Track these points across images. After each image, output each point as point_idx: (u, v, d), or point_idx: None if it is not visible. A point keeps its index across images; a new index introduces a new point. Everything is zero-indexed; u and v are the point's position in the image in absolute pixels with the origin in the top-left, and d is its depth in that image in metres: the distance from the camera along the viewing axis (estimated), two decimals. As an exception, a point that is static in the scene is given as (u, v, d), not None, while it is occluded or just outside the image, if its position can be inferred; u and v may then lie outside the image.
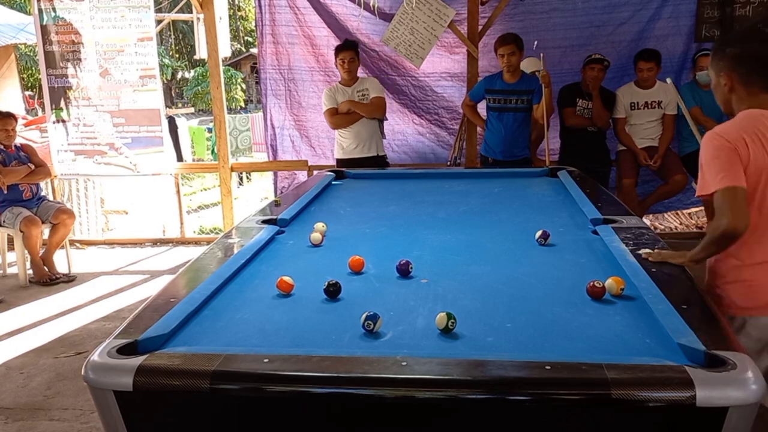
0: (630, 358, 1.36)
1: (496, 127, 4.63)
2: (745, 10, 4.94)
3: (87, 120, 5.56)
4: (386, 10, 5.19)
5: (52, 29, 5.41)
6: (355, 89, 4.66)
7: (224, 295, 1.88)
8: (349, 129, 4.69)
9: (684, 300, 1.65)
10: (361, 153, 4.71)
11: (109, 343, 1.46)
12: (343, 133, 4.73)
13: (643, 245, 2.12)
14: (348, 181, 3.77)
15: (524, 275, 1.99)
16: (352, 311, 1.69)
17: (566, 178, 3.37)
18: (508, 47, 4.35)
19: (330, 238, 2.45)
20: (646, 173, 5.04)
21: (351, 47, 4.61)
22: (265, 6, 5.30)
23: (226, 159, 5.58)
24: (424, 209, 2.97)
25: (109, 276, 5.03)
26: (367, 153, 4.73)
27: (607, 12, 5.06)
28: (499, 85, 4.53)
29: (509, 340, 1.54)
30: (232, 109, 19.72)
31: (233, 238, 2.42)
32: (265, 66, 5.42)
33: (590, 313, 1.68)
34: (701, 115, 4.72)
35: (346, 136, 4.72)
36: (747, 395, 1.21)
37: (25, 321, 4.09)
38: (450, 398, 1.29)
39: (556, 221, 2.60)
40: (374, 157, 4.75)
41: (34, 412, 2.97)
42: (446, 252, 2.27)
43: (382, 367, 1.33)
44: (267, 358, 1.37)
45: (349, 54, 4.57)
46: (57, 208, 4.94)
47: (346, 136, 4.72)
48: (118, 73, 5.44)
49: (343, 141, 4.75)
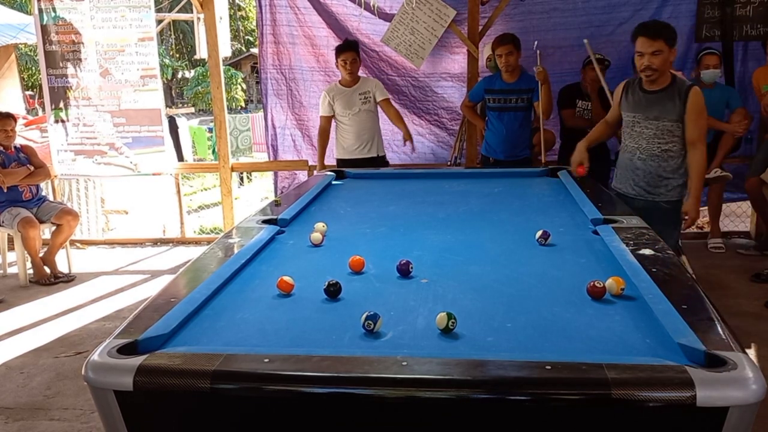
0: (630, 358, 1.35)
1: (497, 127, 4.63)
2: (745, 10, 4.94)
3: (87, 120, 5.56)
4: (386, 10, 5.19)
5: (53, 29, 5.42)
6: (357, 91, 4.65)
7: (224, 295, 1.88)
8: (350, 129, 4.68)
9: (684, 300, 1.65)
10: (362, 153, 4.72)
11: (110, 342, 1.46)
12: (344, 133, 4.73)
13: (643, 245, 2.12)
14: (348, 181, 3.77)
15: (524, 275, 1.99)
16: (352, 311, 1.68)
17: (566, 178, 3.37)
18: (505, 47, 4.36)
19: (330, 238, 2.45)
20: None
21: (352, 48, 4.60)
22: (266, 6, 5.30)
23: (226, 159, 5.58)
24: (424, 209, 2.96)
25: (109, 276, 5.03)
26: (368, 154, 4.73)
27: (607, 12, 5.06)
28: (498, 85, 4.54)
29: (509, 340, 1.54)
30: (233, 108, 19.73)
31: (233, 238, 2.42)
32: (266, 66, 5.42)
33: (590, 313, 1.68)
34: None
35: (347, 137, 4.72)
36: (747, 395, 1.21)
37: (25, 321, 4.09)
38: (450, 398, 1.29)
39: (556, 221, 2.60)
40: (374, 158, 4.75)
41: (34, 411, 2.97)
42: (446, 252, 2.27)
43: (383, 367, 1.33)
44: (267, 358, 1.37)
45: (350, 55, 4.55)
46: (60, 209, 4.95)
47: (347, 137, 4.72)
48: (118, 73, 5.44)
49: (344, 141, 4.75)
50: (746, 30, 4.97)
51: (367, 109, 4.68)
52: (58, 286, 4.79)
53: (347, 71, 4.58)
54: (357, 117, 4.66)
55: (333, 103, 4.66)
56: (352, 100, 4.64)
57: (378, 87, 4.74)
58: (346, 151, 4.74)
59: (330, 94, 4.68)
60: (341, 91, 4.67)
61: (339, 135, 4.77)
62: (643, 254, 2.03)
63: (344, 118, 4.69)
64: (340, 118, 4.71)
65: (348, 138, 4.71)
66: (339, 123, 4.75)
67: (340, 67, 4.62)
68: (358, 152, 4.72)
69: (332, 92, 4.68)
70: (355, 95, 4.64)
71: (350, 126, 4.68)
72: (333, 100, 4.66)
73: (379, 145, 4.79)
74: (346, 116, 4.68)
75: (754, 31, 4.96)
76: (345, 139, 4.74)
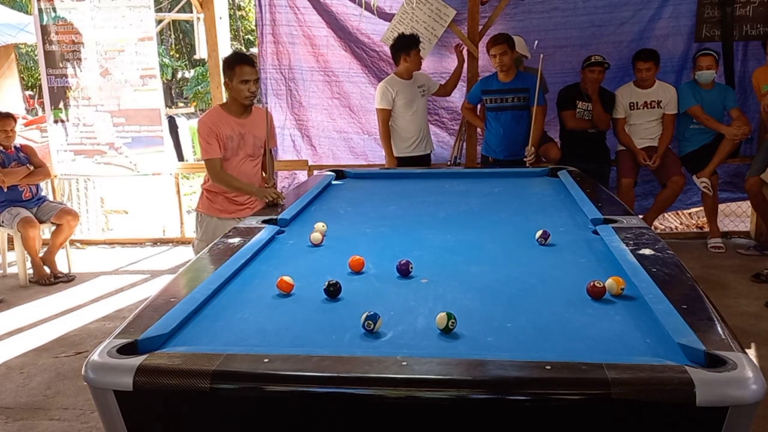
0: (630, 358, 1.36)
1: (495, 127, 4.64)
2: (745, 9, 4.94)
3: (87, 120, 5.56)
4: (386, 9, 5.19)
5: (52, 29, 5.41)
6: (415, 83, 4.66)
7: (224, 295, 1.88)
8: (412, 123, 4.66)
9: (684, 300, 1.65)
10: (419, 150, 4.75)
11: (109, 342, 1.46)
12: (405, 127, 4.68)
13: (643, 245, 2.12)
14: (348, 181, 3.76)
15: (524, 275, 1.99)
16: (352, 311, 1.68)
17: (566, 178, 3.37)
18: (499, 47, 4.39)
19: (330, 237, 2.45)
20: (646, 173, 5.05)
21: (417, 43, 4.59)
22: (265, 6, 5.30)
23: (226, 159, 5.57)
24: (424, 209, 2.96)
25: (109, 276, 5.03)
26: (425, 150, 4.79)
27: (608, 12, 5.06)
28: (494, 85, 4.55)
29: (509, 340, 1.54)
30: (233, 108, 19.67)
31: (233, 237, 2.42)
32: (266, 66, 5.42)
33: (590, 312, 1.68)
34: (702, 114, 4.73)
35: (409, 131, 4.68)
36: (747, 395, 1.21)
37: (25, 321, 4.09)
38: (450, 398, 1.29)
39: (556, 221, 2.60)
40: (428, 154, 4.85)
41: (34, 411, 2.97)
42: (446, 252, 2.27)
43: (382, 367, 1.33)
44: (267, 358, 1.37)
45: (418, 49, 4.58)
46: (60, 209, 4.95)
47: (409, 131, 4.68)
48: (118, 72, 5.44)
49: (404, 137, 4.70)
50: (746, 30, 4.97)
51: (424, 101, 4.72)
52: (58, 286, 4.79)
53: (415, 64, 4.58)
54: (419, 110, 4.67)
55: (395, 96, 4.59)
56: (414, 92, 4.63)
57: (429, 79, 4.82)
58: (408, 148, 4.71)
59: (392, 87, 4.60)
60: (403, 84, 4.61)
61: (398, 131, 4.70)
62: (643, 254, 2.03)
63: (407, 112, 4.63)
64: (401, 112, 4.63)
65: (409, 134, 4.68)
66: (398, 117, 4.66)
67: (411, 62, 4.56)
68: (419, 149, 4.73)
69: (394, 85, 4.61)
70: (415, 88, 4.64)
71: (412, 120, 4.66)
72: (396, 94, 4.59)
73: (430, 142, 4.87)
74: (409, 110, 4.63)
75: (754, 31, 4.95)
76: (404, 136, 4.69)
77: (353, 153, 5.50)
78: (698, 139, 4.86)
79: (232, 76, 3.30)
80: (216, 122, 3.38)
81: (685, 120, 4.84)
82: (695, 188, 4.98)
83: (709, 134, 4.81)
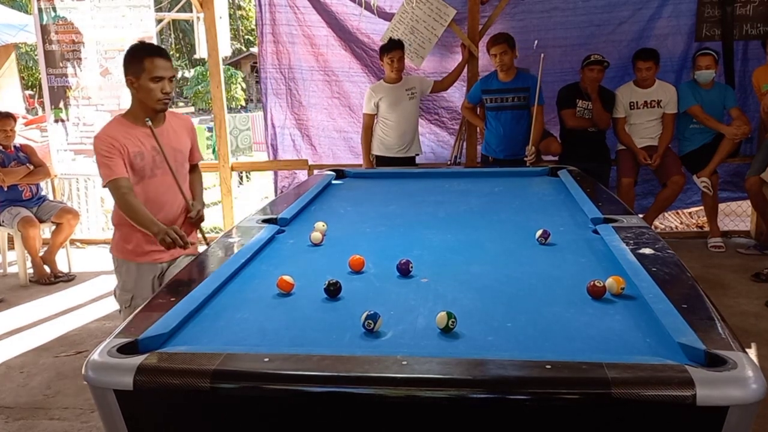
0: (630, 358, 1.36)
1: (495, 126, 4.64)
2: (745, 9, 4.94)
3: (87, 119, 5.55)
4: (386, 9, 5.19)
5: (52, 29, 5.41)
6: (403, 87, 4.68)
7: (224, 294, 1.88)
8: (396, 127, 4.69)
9: (684, 299, 1.65)
10: (402, 152, 4.75)
11: (110, 342, 1.46)
12: (388, 131, 4.73)
13: (643, 245, 2.12)
14: (348, 180, 3.77)
15: (524, 274, 1.99)
16: (352, 311, 1.68)
17: (566, 178, 3.37)
18: (499, 47, 4.40)
19: (330, 237, 2.45)
20: (646, 172, 5.05)
21: (398, 46, 4.61)
22: (265, 5, 5.30)
23: (226, 158, 5.58)
24: (424, 209, 2.96)
25: (109, 275, 5.01)
26: (407, 153, 4.79)
27: (608, 11, 5.06)
28: (494, 85, 4.55)
29: (509, 340, 1.54)
30: (233, 108, 19.72)
31: (233, 237, 2.42)
32: (266, 65, 5.42)
33: (590, 312, 1.68)
34: (702, 113, 4.73)
35: (391, 135, 4.72)
36: (747, 394, 1.21)
37: (25, 320, 4.09)
38: (450, 398, 1.29)
39: (556, 220, 2.60)
40: (412, 157, 4.84)
41: (34, 411, 2.97)
42: (446, 251, 2.27)
43: (383, 366, 1.33)
44: (267, 357, 1.37)
45: (397, 53, 4.58)
46: (60, 208, 4.96)
47: (391, 135, 4.72)
48: (118, 72, 5.43)
49: (387, 139, 4.74)
50: (746, 29, 4.97)
51: (413, 104, 4.73)
52: (58, 285, 4.79)
53: (394, 69, 4.60)
54: (403, 114, 4.68)
55: (379, 102, 4.68)
56: (399, 96, 4.65)
57: (422, 81, 4.83)
58: (389, 149, 4.75)
59: (376, 92, 4.69)
60: (388, 88, 4.68)
61: (381, 133, 4.77)
62: (643, 253, 2.03)
63: (390, 115, 4.70)
64: (386, 115, 4.71)
65: (391, 136, 4.72)
66: (383, 120, 4.75)
67: (386, 65, 4.63)
68: (401, 151, 4.75)
69: (378, 91, 4.69)
70: (402, 91, 4.67)
71: (395, 123, 4.69)
72: (379, 99, 4.67)
73: (417, 144, 4.86)
74: (392, 114, 4.68)
75: (755, 31, 4.95)
76: (387, 137, 4.74)
77: (353, 152, 5.49)
78: (698, 138, 4.86)
79: (139, 72, 2.58)
80: (117, 136, 2.63)
81: (685, 119, 4.84)
82: (695, 188, 4.99)
83: (709, 134, 4.81)
